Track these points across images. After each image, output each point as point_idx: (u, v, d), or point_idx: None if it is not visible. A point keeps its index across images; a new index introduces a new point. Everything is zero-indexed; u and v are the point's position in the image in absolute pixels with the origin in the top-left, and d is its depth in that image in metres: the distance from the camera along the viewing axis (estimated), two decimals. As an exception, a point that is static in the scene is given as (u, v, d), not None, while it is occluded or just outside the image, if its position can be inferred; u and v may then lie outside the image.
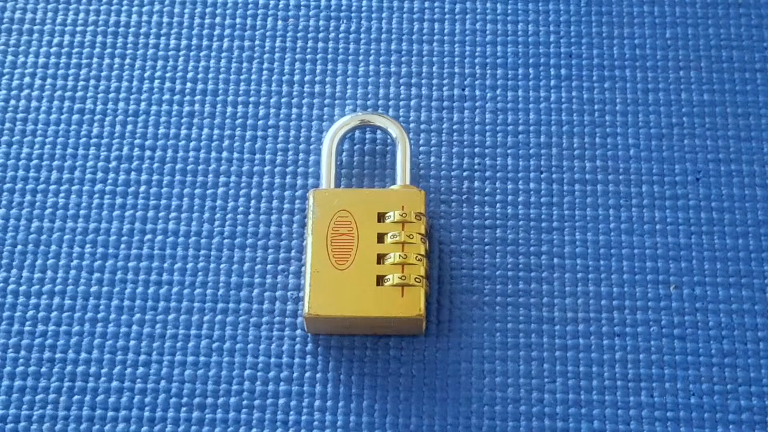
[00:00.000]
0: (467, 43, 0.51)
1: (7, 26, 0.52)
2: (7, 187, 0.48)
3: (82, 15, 0.52)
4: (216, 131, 0.49)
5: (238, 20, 0.52)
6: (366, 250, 0.44)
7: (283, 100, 0.50)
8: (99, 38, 0.51)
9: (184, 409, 0.43)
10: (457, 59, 0.51)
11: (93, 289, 0.45)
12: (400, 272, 0.43)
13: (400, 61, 0.51)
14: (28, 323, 0.45)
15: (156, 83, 0.50)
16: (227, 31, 0.51)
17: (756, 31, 0.51)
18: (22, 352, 0.44)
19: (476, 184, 0.48)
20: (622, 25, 0.51)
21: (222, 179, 0.48)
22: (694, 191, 0.47)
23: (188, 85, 0.50)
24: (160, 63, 0.51)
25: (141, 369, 0.44)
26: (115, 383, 0.44)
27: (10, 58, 0.51)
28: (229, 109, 0.49)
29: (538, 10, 0.52)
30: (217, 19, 0.52)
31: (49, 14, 0.52)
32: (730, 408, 0.43)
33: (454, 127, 0.49)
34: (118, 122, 0.49)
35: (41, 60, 0.51)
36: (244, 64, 0.50)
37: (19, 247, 0.46)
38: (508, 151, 0.48)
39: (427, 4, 0.52)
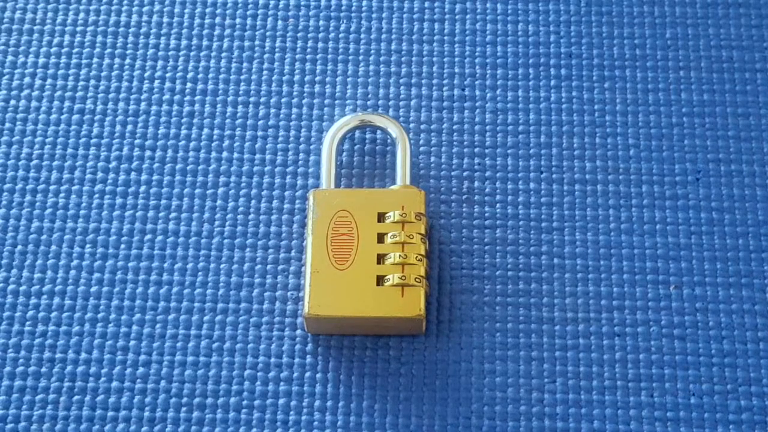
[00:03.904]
0: (467, 43, 0.51)
1: (7, 26, 0.52)
2: (7, 187, 0.48)
3: (82, 15, 0.52)
4: (216, 131, 0.49)
5: (238, 20, 0.52)
6: (366, 250, 0.44)
7: (283, 100, 0.50)
8: (99, 38, 0.51)
9: (184, 409, 0.43)
10: (457, 59, 0.51)
11: (93, 289, 0.45)
12: (400, 272, 0.43)
13: (400, 61, 0.51)
14: (28, 323, 0.45)
15: (156, 83, 0.50)
16: (227, 31, 0.51)
17: (756, 31, 0.51)
18: (22, 352, 0.44)
19: (476, 184, 0.48)
20: (622, 25, 0.51)
21: (222, 179, 0.48)
22: (694, 191, 0.47)
23: (188, 85, 0.50)
24: (160, 63, 0.51)
25: (141, 369, 0.44)
26: (115, 383, 0.44)
27: (10, 58, 0.51)
28: (229, 109, 0.49)
29: (538, 10, 0.52)
30: (217, 19, 0.52)
31: (49, 14, 0.52)
32: (730, 408, 0.43)
33: (454, 127, 0.49)
34: (118, 122, 0.49)
35: (41, 60, 0.51)
36: (244, 64, 0.50)
37: (19, 247, 0.46)
38: (508, 151, 0.48)
39: (427, 4, 0.52)
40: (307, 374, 0.44)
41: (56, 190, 0.48)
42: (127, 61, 0.51)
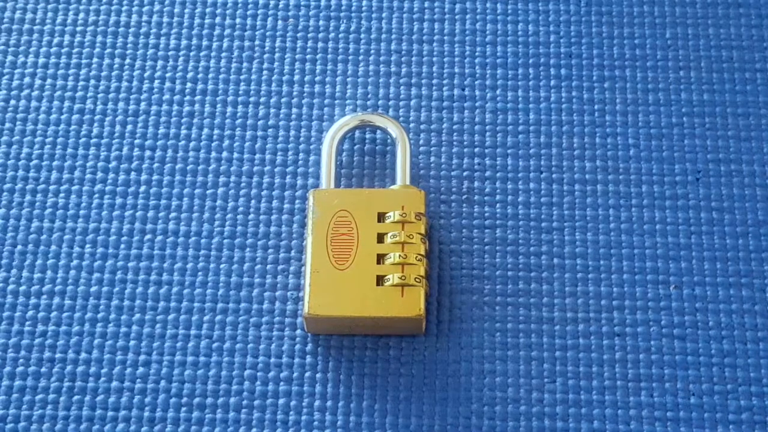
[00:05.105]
0: (467, 43, 0.51)
1: (7, 26, 0.52)
2: (7, 187, 0.48)
3: (82, 15, 0.52)
4: (216, 131, 0.49)
5: (238, 20, 0.52)
6: (366, 250, 0.44)
7: (283, 100, 0.50)
8: (99, 38, 0.51)
9: (184, 409, 0.43)
10: (457, 59, 0.51)
11: (93, 289, 0.45)
12: (400, 272, 0.43)
13: (400, 61, 0.51)
14: (28, 323, 0.45)
15: (156, 83, 0.50)
16: (227, 31, 0.51)
17: (756, 31, 0.51)
18: (22, 352, 0.44)
19: (476, 184, 0.48)
20: (622, 25, 0.51)
21: (222, 179, 0.48)
22: (694, 191, 0.47)
23: (188, 85, 0.50)
24: (160, 63, 0.51)
25: (141, 369, 0.44)
26: (115, 383, 0.44)
27: (10, 58, 0.51)
28: (229, 109, 0.49)
29: (538, 10, 0.52)
30: (217, 19, 0.52)
31: (49, 14, 0.52)
32: (730, 408, 0.43)
33: (454, 127, 0.49)
34: (118, 122, 0.49)
35: (41, 60, 0.51)
36: (244, 64, 0.50)
37: (19, 247, 0.46)
38: (508, 151, 0.48)
39: (427, 4, 0.52)
40: (307, 374, 0.44)
41: (56, 190, 0.48)
42: (127, 61, 0.51)
